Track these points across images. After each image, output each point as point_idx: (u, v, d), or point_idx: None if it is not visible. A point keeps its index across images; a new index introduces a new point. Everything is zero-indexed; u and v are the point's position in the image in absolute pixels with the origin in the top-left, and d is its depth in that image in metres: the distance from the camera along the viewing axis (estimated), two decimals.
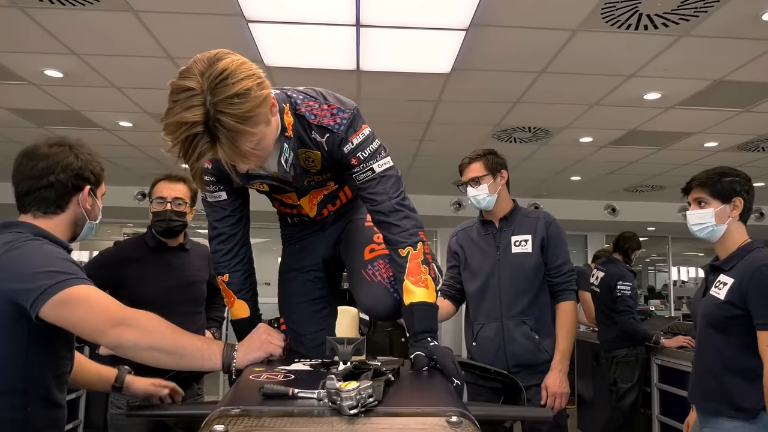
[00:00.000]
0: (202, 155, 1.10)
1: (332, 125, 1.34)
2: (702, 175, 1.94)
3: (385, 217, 1.40)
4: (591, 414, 4.66)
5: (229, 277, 1.53)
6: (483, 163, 2.39)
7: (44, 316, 1.23)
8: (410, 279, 1.35)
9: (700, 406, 1.94)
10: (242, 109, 1.08)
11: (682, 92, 4.23)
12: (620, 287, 3.85)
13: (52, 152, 1.41)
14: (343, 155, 1.37)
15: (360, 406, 0.81)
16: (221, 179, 1.44)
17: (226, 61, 1.10)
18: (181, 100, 1.08)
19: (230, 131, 1.08)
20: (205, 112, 1.06)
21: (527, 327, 2.30)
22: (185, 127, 1.07)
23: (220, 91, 1.07)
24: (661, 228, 9.40)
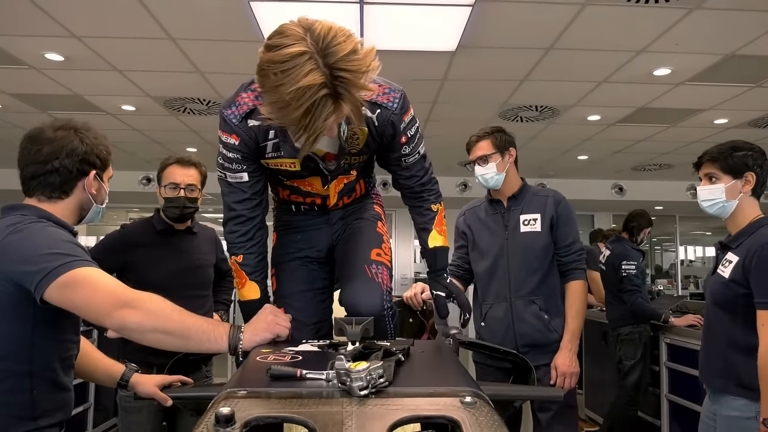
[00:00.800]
0: (327, 117, 1.11)
1: (386, 102, 1.39)
2: (714, 150, 1.88)
3: (422, 187, 1.59)
4: (599, 394, 4.66)
5: (244, 258, 1.50)
6: (491, 140, 2.34)
7: (48, 299, 1.21)
8: (436, 228, 1.62)
9: (710, 384, 1.92)
10: (359, 65, 1.10)
11: (693, 67, 4.14)
12: (625, 267, 3.82)
13: (57, 136, 1.38)
14: (395, 132, 1.43)
15: (370, 387, 0.79)
16: (247, 157, 1.42)
17: (321, 23, 1.11)
18: (295, 66, 1.06)
19: (353, 87, 1.10)
20: (324, 74, 1.07)
21: (536, 307, 2.28)
22: (311, 92, 1.06)
23: (334, 50, 1.07)
24: (669, 207, 9.33)
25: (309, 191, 1.57)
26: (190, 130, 6.10)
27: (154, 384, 1.55)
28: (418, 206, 1.63)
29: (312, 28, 1.09)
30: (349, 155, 1.46)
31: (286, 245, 1.67)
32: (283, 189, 1.62)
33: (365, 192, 1.68)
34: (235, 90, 1.42)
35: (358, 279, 1.52)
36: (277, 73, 1.08)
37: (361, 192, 1.67)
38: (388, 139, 1.44)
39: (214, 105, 5.22)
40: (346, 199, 1.63)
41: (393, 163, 1.54)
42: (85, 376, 1.61)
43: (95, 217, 1.50)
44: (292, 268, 1.64)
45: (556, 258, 2.33)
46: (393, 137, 1.44)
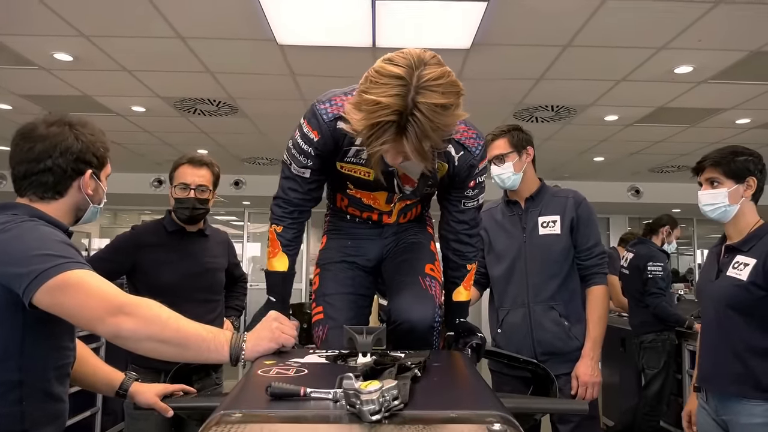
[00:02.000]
0: (385, 143, 1.13)
1: (471, 147, 1.45)
2: (714, 155, 1.89)
3: (469, 238, 1.60)
4: (617, 401, 4.53)
5: (283, 230, 1.51)
6: (507, 139, 2.24)
7: (38, 303, 1.13)
8: (464, 285, 1.62)
9: (721, 390, 1.85)
10: (440, 120, 1.11)
11: (716, 65, 4.00)
12: (651, 268, 3.71)
13: (50, 133, 1.31)
14: (467, 176, 1.48)
15: (383, 410, 0.69)
16: (319, 155, 1.41)
17: (441, 68, 1.13)
18: (386, 84, 1.10)
19: (421, 133, 1.11)
20: (405, 105, 1.09)
21: (556, 313, 2.17)
22: (383, 112, 1.09)
23: (427, 94, 1.09)
24: (687, 210, 9.11)
25: (369, 205, 1.57)
26: (200, 131, 6.06)
27: (155, 393, 1.47)
28: (454, 260, 1.62)
29: (427, 63, 1.12)
30: (425, 186, 1.49)
31: (336, 249, 1.66)
32: (343, 199, 1.61)
33: (420, 214, 1.70)
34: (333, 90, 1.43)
35: (412, 289, 1.52)
36: (371, 81, 1.12)
37: (416, 214, 1.68)
38: (460, 180, 1.49)
39: (224, 106, 5.17)
40: (402, 219, 1.64)
41: (452, 202, 1.56)
42: (82, 384, 1.53)
43: (92, 218, 1.42)
44: (338, 269, 1.64)
45: (576, 262, 2.22)
46: (465, 179, 1.49)
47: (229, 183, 8.32)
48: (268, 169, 7.95)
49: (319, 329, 1.56)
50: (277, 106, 5.12)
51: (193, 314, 2.22)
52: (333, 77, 4.33)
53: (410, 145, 1.13)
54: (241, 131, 6.03)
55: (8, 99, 4.93)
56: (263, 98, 4.93)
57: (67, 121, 1.34)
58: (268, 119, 5.59)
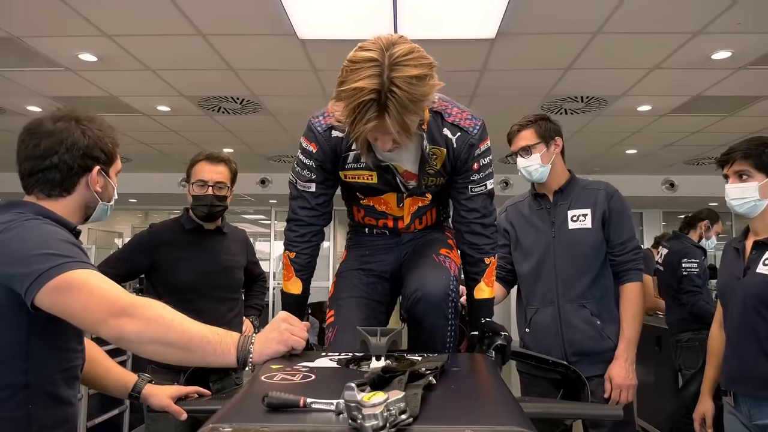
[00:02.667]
0: (369, 122, 1.17)
1: (467, 127, 1.44)
2: (743, 146, 1.80)
3: (482, 229, 1.55)
4: (652, 403, 4.37)
5: (296, 256, 1.55)
6: (534, 129, 2.15)
7: (40, 304, 1.09)
8: (485, 281, 1.56)
9: (750, 393, 1.75)
10: (416, 92, 1.16)
11: (756, 50, 3.80)
12: (685, 265, 3.55)
13: (56, 129, 1.27)
14: (469, 158, 1.46)
15: (388, 426, 0.61)
16: (321, 167, 1.46)
17: (409, 45, 1.19)
18: (361, 68, 1.15)
19: (400, 106, 1.15)
20: (381, 83, 1.14)
21: (587, 311, 2.07)
22: (361, 93, 1.14)
23: (400, 69, 1.14)
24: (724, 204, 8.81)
25: (383, 211, 1.57)
26: (225, 130, 6.07)
27: (168, 395, 1.43)
28: (470, 255, 1.58)
29: (396, 43, 1.17)
30: (426, 176, 1.48)
31: (353, 259, 1.67)
32: (358, 210, 1.63)
33: (436, 221, 1.67)
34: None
35: (425, 264, 1.50)
36: (346, 71, 1.17)
37: (433, 221, 1.65)
38: (462, 162, 1.47)
39: (247, 103, 5.16)
40: (418, 224, 1.62)
41: (459, 190, 1.53)
42: (94, 386, 1.50)
43: (103, 216, 1.38)
44: (353, 275, 1.63)
45: (609, 258, 2.11)
46: (466, 161, 1.47)
47: (255, 182, 8.35)
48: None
49: (329, 331, 1.53)
50: (300, 102, 5.08)
51: (211, 312, 2.21)
52: None
53: (392, 119, 1.17)
54: (266, 129, 6.03)
55: (37, 101, 5.01)
56: (286, 95, 4.90)
57: (74, 116, 1.30)
58: (291, 116, 5.57)
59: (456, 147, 1.45)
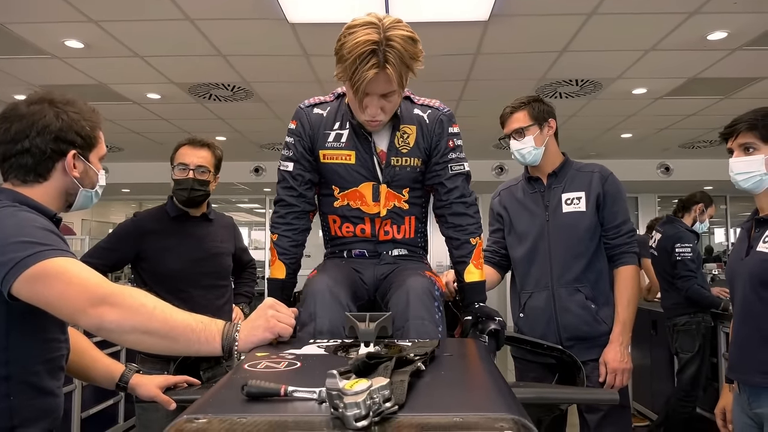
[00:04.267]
0: (370, 69, 1.28)
1: (437, 106, 1.57)
2: (748, 117, 1.67)
3: (465, 208, 1.59)
4: (648, 387, 4.38)
5: (278, 239, 1.58)
6: (527, 111, 2.11)
7: (17, 294, 1.06)
8: (474, 263, 1.57)
9: (750, 381, 1.67)
10: (410, 49, 1.30)
11: (752, 30, 3.76)
12: (678, 250, 3.53)
13: (28, 112, 1.22)
14: (443, 132, 1.54)
15: (372, 414, 0.58)
16: (299, 142, 1.53)
17: (396, 17, 1.33)
18: (359, 30, 1.28)
19: (399, 58, 1.29)
20: (380, 38, 1.27)
21: (582, 295, 2.05)
22: (362, 45, 1.26)
23: (395, 30, 1.29)
24: (719, 187, 8.82)
25: (359, 209, 1.56)
26: (217, 117, 6.00)
27: (156, 385, 1.40)
28: (456, 238, 1.59)
29: (386, 16, 1.31)
30: (399, 155, 1.53)
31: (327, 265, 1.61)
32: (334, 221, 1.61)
33: (414, 235, 1.64)
34: None
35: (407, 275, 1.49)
36: (345, 35, 1.30)
37: (411, 234, 1.63)
38: (436, 138, 1.54)
39: (239, 90, 5.09)
40: (396, 232, 1.60)
41: (438, 171, 1.57)
42: (80, 376, 1.47)
43: (87, 203, 1.34)
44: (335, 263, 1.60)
45: (603, 241, 2.09)
46: (441, 137, 1.54)
47: (249, 170, 8.29)
48: None
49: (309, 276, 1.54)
50: (292, 88, 5.02)
51: (200, 300, 2.18)
52: None
53: (392, 68, 1.29)
54: (258, 116, 5.96)
55: (24, 89, 4.92)
56: (277, 81, 4.84)
57: (49, 98, 1.25)
58: (283, 103, 5.50)
59: (428, 123, 1.53)
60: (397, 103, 1.43)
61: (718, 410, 1.88)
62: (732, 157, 1.71)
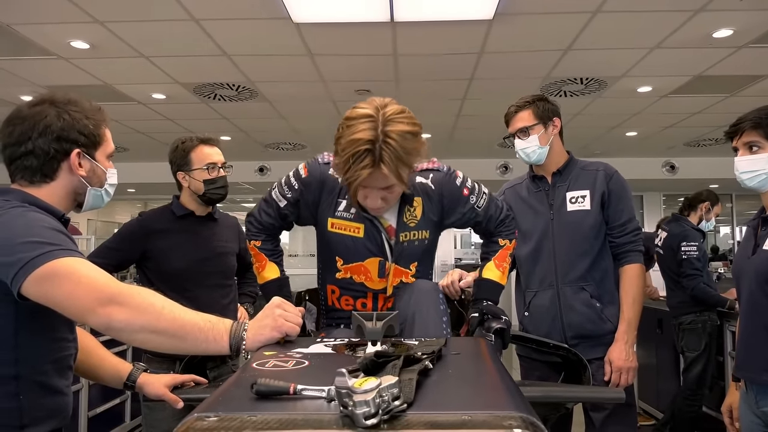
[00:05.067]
0: (364, 169, 1.24)
1: (436, 167, 1.53)
2: (753, 115, 1.66)
3: (501, 224, 1.61)
4: (654, 385, 4.37)
5: (262, 243, 1.58)
6: (532, 110, 2.10)
7: (26, 293, 1.07)
8: (495, 261, 1.58)
9: (757, 379, 1.67)
10: (408, 145, 1.26)
11: (758, 27, 3.74)
12: (684, 249, 3.52)
13: (30, 114, 1.23)
14: (454, 187, 1.52)
15: (381, 412, 0.59)
16: (302, 192, 1.49)
17: (400, 106, 1.31)
18: (356, 123, 1.25)
19: (395, 157, 1.24)
20: (376, 135, 1.23)
21: (587, 294, 2.05)
22: (357, 144, 1.23)
23: (394, 124, 1.25)
24: (725, 185, 8.77)
25: (363, 283, 1.52)
26: (222, 117, 6.02)
27: (164, 384, 1.41)
28: (488, 240, 1.64)
29: (388, 104, 1.28)
30: (408, 230, 1.50)
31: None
32: (333, 291, 1.57)
33: None
34: None
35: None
36: (343, 127, 1.28)
37: None
38: (449, 197, 1.52)
39: (243, 90, 5.10)
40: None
41: (471, 216, 1.57)
42: (88, 376, 1.48)
43: (98, 203, 1.33)
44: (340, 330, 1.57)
45: (608, 239, 2.09)
46: (453, 193, 1.52)
47: (253, 170, 8.30)
48: (292, 154, 7.89)
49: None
50: (296, 88, 5.03)
51: (205, 300, 2.18)
52: (351, 55, 4.22)
53: (388, 168, 1.24)
54: (262, 116, 5.97)
55: (31, 91, 4.95)
56: (282, 80, 4.85)
57: (51, 98, 1.25)
58: (288, 102, 5.52)
59: (435, 187, 1.50)
60: (399, 192, 1.38)
61: (725, 408, 1.88)
62: (737, 155, 1.70)
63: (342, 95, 5.22)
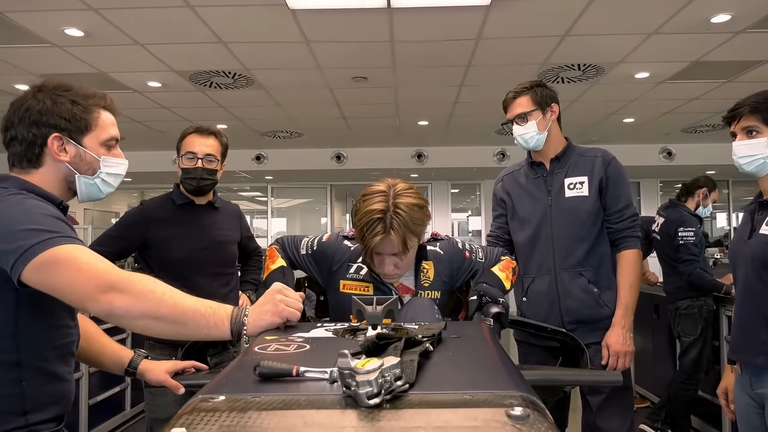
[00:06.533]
0: (376, 236, 1.42)
1: (440, 236, 1.72)
2: (752, 100, 1.67)
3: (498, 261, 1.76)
4: (650, 370, 4.41)
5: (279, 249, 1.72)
6: (530, 96, 2.11)
7: (26, 281, 1.07)
8: (499, 267, 1.72)
9: (753, 362, 1.68)
10: (415, 215, 1.45)
11: (757, 11, 3.72)
12: (681, 234, 3.53)
13: (15, 100, 1.23)
14: (457, 250, 1.69)
15: (383, 393, 0.59)
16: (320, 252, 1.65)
17: (408, 184, 1.51)
18: (371, 198, 1.46)
19: (403, 225, 1.42)
20: (387, 207, 1.43)
21: (584, 279, 2.06)
22: (371, 214, 1.43)
23: (402, 197, 1.45)
24: (721, 171, 8.79)
25: None
26: (218, 105, 5.99)
27: (165, 371, 1.42)
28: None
29: (399, 182, 1.50)
30: (423, 290, 1.61)
31: None
32: None
33: None
34: None
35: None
36: (360, 202, 1.48)
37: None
38: (456, 261, 1.67)
39: (240, 78, 5.07)
40: None
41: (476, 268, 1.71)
42: (90, 362, 1.48)
43: (94, 192, 1.31)
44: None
45: (606, 225, 2.10)
46: (457, 256, 1.68)
47: (250, 158, 8.28)
48: (288, 142, 7.87)
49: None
50: (293, 76, 5.00)
51: (206, 288, 2.19)
52: (348, 42, 4.19)
53: (396, 236, 1.41)
54: (259, 104, 5.94)
55: (24, 79, 4.91)
56: (279, 68, 4.82)
57: (38, 85, 1.24)
58: (284, 90, 5.49)
59: (444, 253, 1.66)
60: (411, 258, 1.54)
61: (721, 391, 1.90)
62: (735, 140, 1.71)
63: (339, 82, 5.20)
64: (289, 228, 10.57)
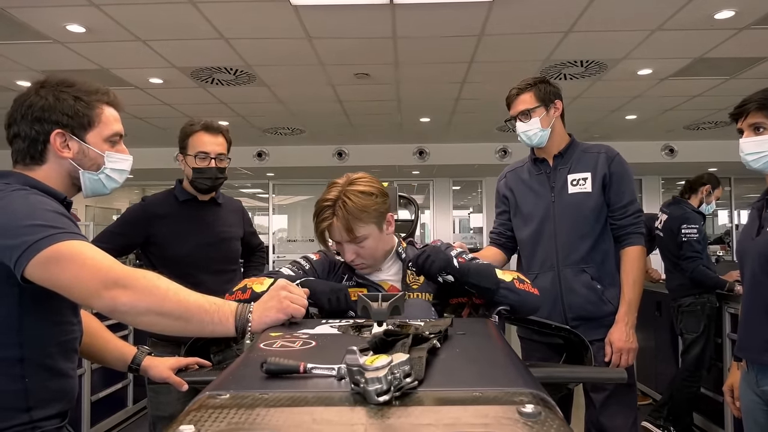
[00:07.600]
0: (323, 221, 1.49)
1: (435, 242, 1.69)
2: (759, 96, 1.65)
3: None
4: (653, 367, 4.40)
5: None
6: (533, 93, 2.10)
7: (30, 277, 1.06)
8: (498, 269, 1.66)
9: (758, 359, 1.68)
10: (363, 202, 1.47)
11: (761, 7, 3.69)
12: (685, 231, 3.53)
13: (18, 97, 1.23)
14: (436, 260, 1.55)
15: (393, 390, 0.59)
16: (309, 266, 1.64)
17: (368, 175, 1.56)
18: (328, 189, 1.51)
19: (347, 213, 1.46)
20: (338, 196, 1.48)
21: (588, 276, 2.06)
22: (321, 203, 1.50)
23: (354, 187, 1.49)
24: (724, 168, 8.76)
25: None
26: (220, 102, 5.97)
27: (168, 367, 1.42)
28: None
29: (361, 174, 1.55)
30: (412, 291, 1.59)
31: None
32: None
33: None
34: None
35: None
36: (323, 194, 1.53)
37: None
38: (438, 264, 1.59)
39: (241, 74, 5.06)
40: None
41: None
42: (93, 358, 1.49)
43: (99, 188, 1.30)
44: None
45: (609, 221, 2.09)
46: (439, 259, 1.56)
47: (252, 155, 8.26)
48: (290, 139, 7.85)
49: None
50: (294, 72, 4.99)
51: (209, 285, 2.17)
52: (350, 38, 4.18)
53: (339, 222, 1.46)
54: (261, 101, 5.93)
55: (27, 75, 4.90)
56: (280, 64, 4.80)
57: (41, 81, 1.24)
58: (286, 86, 5.47)
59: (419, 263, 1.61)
60: (373, 247, 1.53)
61: (726, 388, 1.89)
62: (742, 137, 1.69)
63: (341, 79, 5.18)
64: (291, 225, 10.56)
